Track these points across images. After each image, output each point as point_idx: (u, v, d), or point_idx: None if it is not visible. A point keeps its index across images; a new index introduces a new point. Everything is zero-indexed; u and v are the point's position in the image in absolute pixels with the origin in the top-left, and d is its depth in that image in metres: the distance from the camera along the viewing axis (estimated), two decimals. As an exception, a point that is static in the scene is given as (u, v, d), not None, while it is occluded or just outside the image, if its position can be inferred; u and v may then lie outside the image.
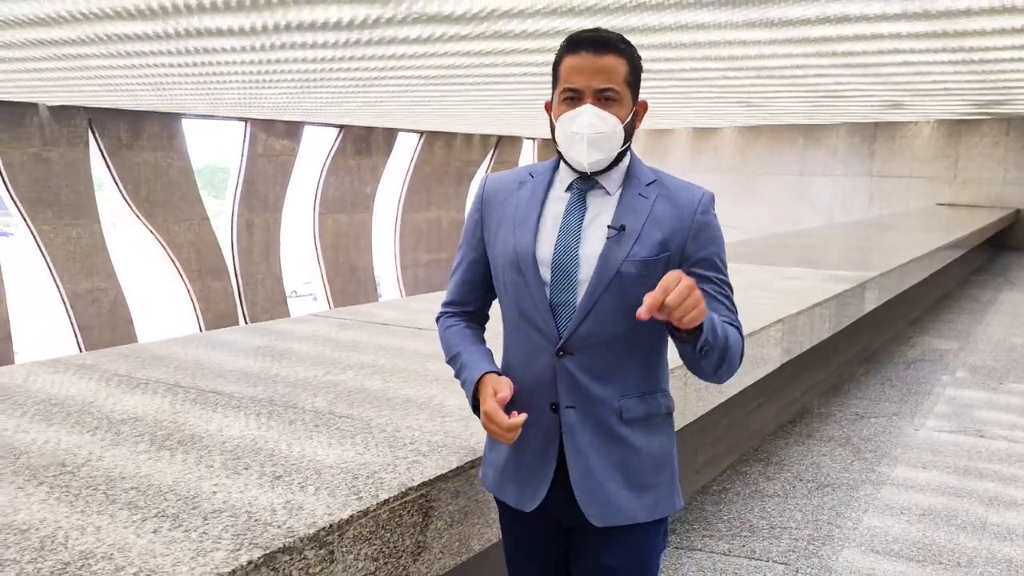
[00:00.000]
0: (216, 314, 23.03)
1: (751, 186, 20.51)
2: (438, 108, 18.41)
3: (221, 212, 25.54)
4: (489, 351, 1.79)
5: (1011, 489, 4.23)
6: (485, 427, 1.64)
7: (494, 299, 1.84)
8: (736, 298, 1.74)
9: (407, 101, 16.34)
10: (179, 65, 11.24)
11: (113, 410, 2.35)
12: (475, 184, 29.37)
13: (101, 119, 20.11)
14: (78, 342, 20.30)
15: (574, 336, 1.64)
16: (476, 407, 1.72)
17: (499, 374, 1.71)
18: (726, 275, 1.72)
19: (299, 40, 8.79)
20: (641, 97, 1.73)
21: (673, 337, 1.57)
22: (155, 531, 1.57)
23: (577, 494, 1.67)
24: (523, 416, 1.60)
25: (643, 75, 1.74)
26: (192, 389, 2.58)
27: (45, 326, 21.61)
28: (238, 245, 24.29)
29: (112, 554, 1.47)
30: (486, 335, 1.88)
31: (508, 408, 1.63)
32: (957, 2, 6.31)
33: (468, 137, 29.82)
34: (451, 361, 1.80)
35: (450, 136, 29.14)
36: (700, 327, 1.51)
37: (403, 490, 1.80)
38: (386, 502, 1.75)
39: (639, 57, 1.70)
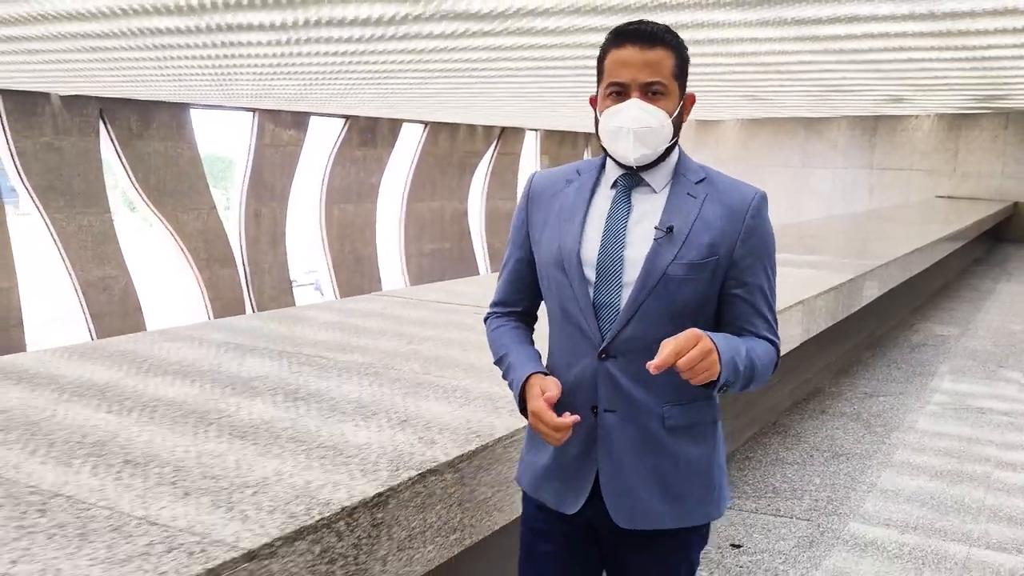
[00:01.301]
0: (224, 302, 23.31)
1: (753, 178, 20.61)
2: (445, 100, 18.67)
3: (221, 202, 25.65)
4: (537, 352, 1.78)
5: (1008, 458, 4.60)
6: (533, 427, 1.64)
7: (542, 299, 1.82)
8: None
9: (417, 93, 16.63)
10: (200, 57, 11.53)
11: (240, 371, 2.70)
12: (479, 172, 29.57)
13: (112, 109, 20.32)
14: (89, 329, 20.59)
15: (617, 339, 1.62)
16: (523, 408, 1.70)
17: (546, 375, 1.69)
18: (772, 282, 1.70)
19: (325, 35, 9.10)
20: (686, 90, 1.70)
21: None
22: (321, 458, 1.92)
23: (605, 495, 1.67)
24: (574, 417, 1.58)
25: None
26: (297, 355, 2.93)
27: (51, 309, 21.85)
28: (246, 234, 24.55)
29: (294, 482, 1.82)
30: (534, 336, 1.88)
31: (554, 406, 1.63)
32: (962, 4, 6.65)
33: (472, 128, 30.10)
34: (499, 362, 1.79)
35: (454, 127, 29.42)
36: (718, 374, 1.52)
37: (511, 431, 2.16)
38: (500, 440, 2.10)
39: (686, 48, 1.67)
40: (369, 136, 26.89)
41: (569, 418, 1.57)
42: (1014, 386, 6.12)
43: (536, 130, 31.09)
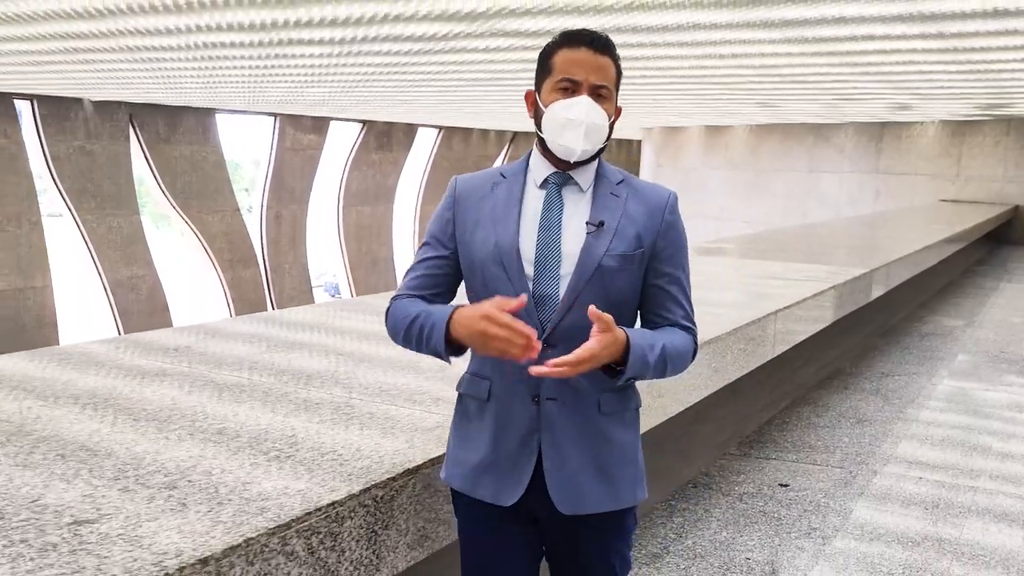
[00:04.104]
0: (246, 302, 23.87)
1: (761, 182, 21.54)
2: (458, 104, 19.16)
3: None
4: None
5: (1011, 427, 5.32)
6: (485, 336, 1.61)
7: (452, 297, 1.86)
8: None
9: (444, 99, 17.31)
10: (241, 67, 12.17)
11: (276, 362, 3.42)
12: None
13: (141, 114, 20.86)
14: (117, 327, 21.23)
15: (558, 328, 1.70)
16: (449, 352, 1.71)
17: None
18: (687, 273, 1.84)
19: (375, 48, 9.80)
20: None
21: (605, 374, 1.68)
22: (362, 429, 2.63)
23: (549, 484, 1.73)
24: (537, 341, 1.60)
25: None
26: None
27: (78, 307, 22.43)
28: (267, 235, 25.13)
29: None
30: None
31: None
32: (967, 26, 7.38)
33: (484, 132, 30.84)
34: (407, 330, 1.77)
35: (467, 131, 30.12)
36: (622, 367, 1.65)
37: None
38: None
39: (620, 64, 1.80)
40: (385, 140, 27.48)
41: (535, 336, 1.59)
42: (1016, 367, 6.84)
43: (548, 135, 31.66)
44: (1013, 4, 6.51)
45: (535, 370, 1.57)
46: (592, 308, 1.58)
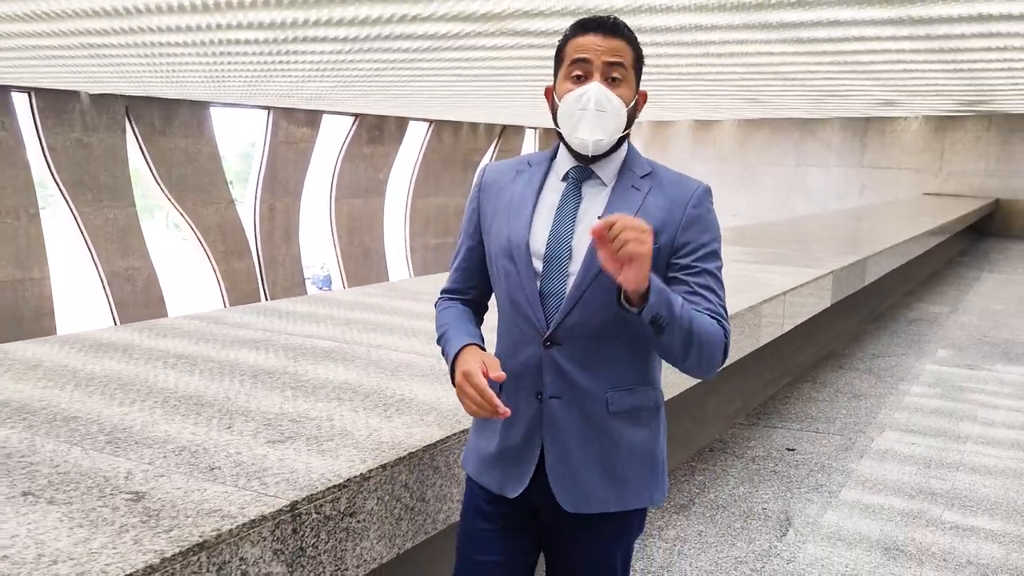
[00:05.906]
0: (240, 293, 24.13)
1: (749, 176, 22.01)
2: (452, 98, 19.40)
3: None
4: (479, 332, 1.82)
5: (991, 400, 5.78)
6: (459, 391, 1.64)
7: (491, 289, 1.85)
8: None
9: (439, 94, 17.64)
10: (249, 63, 12.44)
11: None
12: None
13: (137, 107, 21.11)
14: (114, 318, 21.46)
15: (562, 326, 1.66)
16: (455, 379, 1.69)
17: (484, 350, 1.70)
18: (715, 267, 1.71)
19: (384, 46, 10.13)
20: (643, 88, 1.74)
21: (620, 306, 1.56)
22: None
23: (551, 480, 1.70)
24: (505, 409, 1.59)
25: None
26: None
27: (78, 300, 22.64)
28: (260, 228, 25.39)
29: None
30: (484, 329, 1.88)
31: (499, 393, 1.68)
32: (955, 28, 7.82)
33: (474, 126, 31.18)
34: (439, 339, 1.80)
35: (457, 125, 30.44)
36: (646, 296, 1.51)
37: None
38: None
39: (641, 48, 1.73)
40: (377, 134, 27.76)
41: (502, 407, 1.59)
42: (998, 350, 7.31)
43: (535, 128, 32.14)
44: (996, 9, 6.96)
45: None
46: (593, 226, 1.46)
